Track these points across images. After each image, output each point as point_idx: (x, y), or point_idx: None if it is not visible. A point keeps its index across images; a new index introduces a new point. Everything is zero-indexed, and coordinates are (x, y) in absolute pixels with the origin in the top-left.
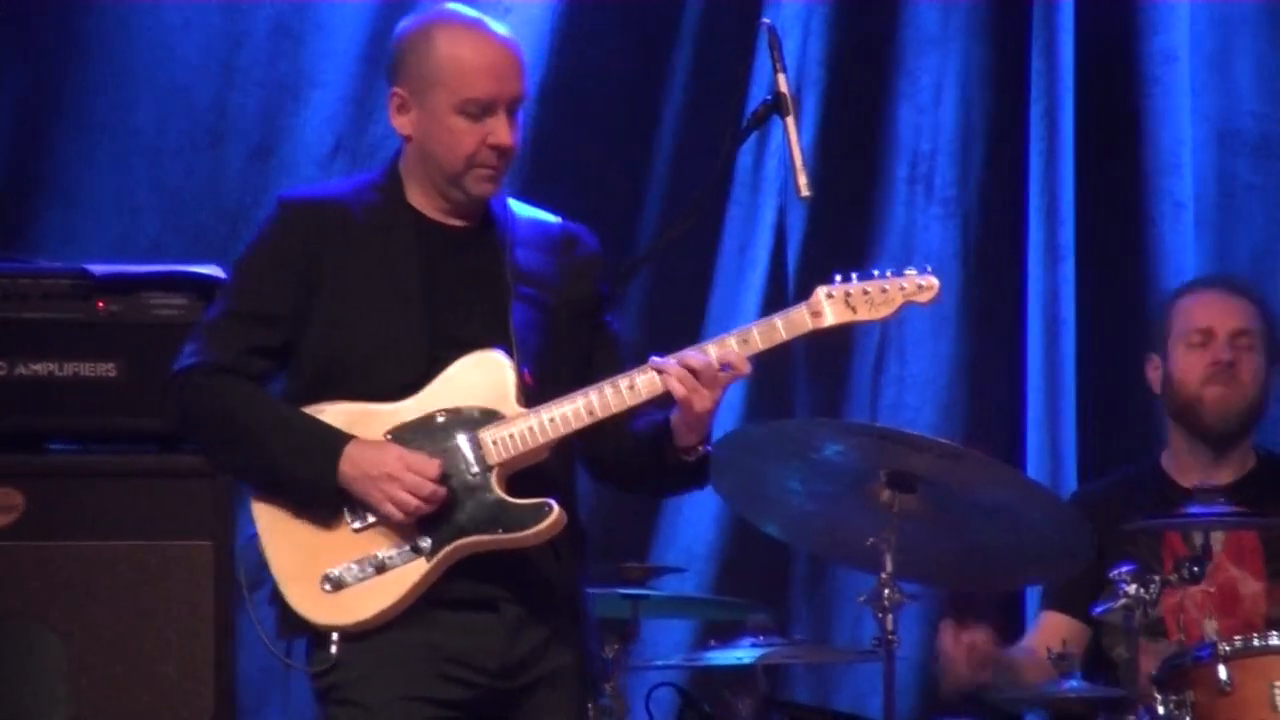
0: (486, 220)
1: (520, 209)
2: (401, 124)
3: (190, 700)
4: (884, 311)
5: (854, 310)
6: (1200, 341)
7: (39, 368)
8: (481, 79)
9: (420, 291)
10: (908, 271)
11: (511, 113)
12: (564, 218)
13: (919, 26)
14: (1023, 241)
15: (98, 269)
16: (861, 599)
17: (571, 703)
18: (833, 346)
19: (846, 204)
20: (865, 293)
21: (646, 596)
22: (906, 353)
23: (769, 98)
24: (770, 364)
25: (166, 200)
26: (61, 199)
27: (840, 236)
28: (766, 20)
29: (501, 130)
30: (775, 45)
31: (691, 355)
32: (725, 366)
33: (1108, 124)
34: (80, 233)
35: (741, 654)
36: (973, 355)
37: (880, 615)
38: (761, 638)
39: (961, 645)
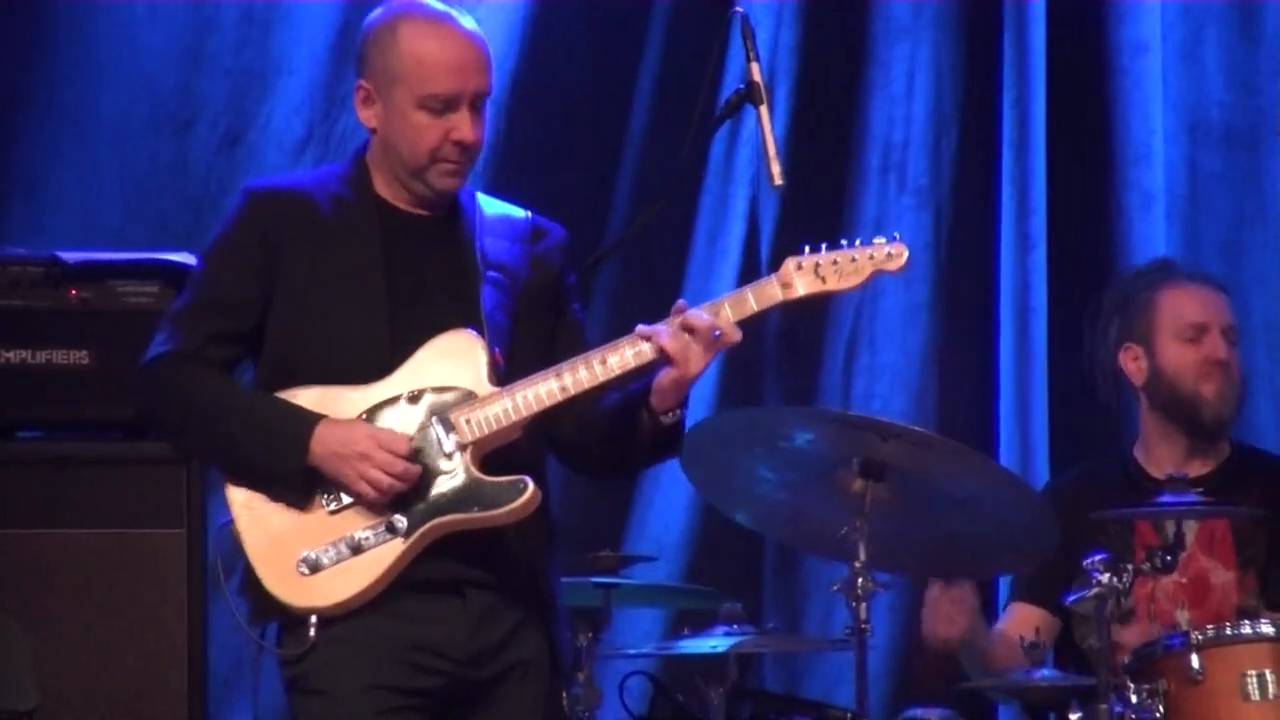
0: (453, 211)
1: (488, 202)
2: (366, 117)
3: (161, 690)
4: (854, 281)
5: (824, 280)
6: (1194, 336)
7: (10, 355)
8: (443, 75)
9: (385, 281)
10: (876, 240)
11: (475, 108)
12: (534, 212)
13: (891, 16)
14: (994, 231)
15: (69, 257)
16: (835, 588)
17: (542, 692)
18: (804, 335)
19: (819, 194)
20: (835, 263)
21: (618, 585)
22: (878, 342)
23: (741, 87)
24: (741, 352)
25: (131, 188)
26: (26, 186)
27: (812, 226)
28: (739, 9)
29: (464, 126)
30: (748, 34)
31: (693, 315)
32: (717, 332)
33: (1078, 114)
34: (45, 220)
35: (714, 643)
36: (944, 344)
37: (853, 604)
38: (734, 627)
39: (947, 593)
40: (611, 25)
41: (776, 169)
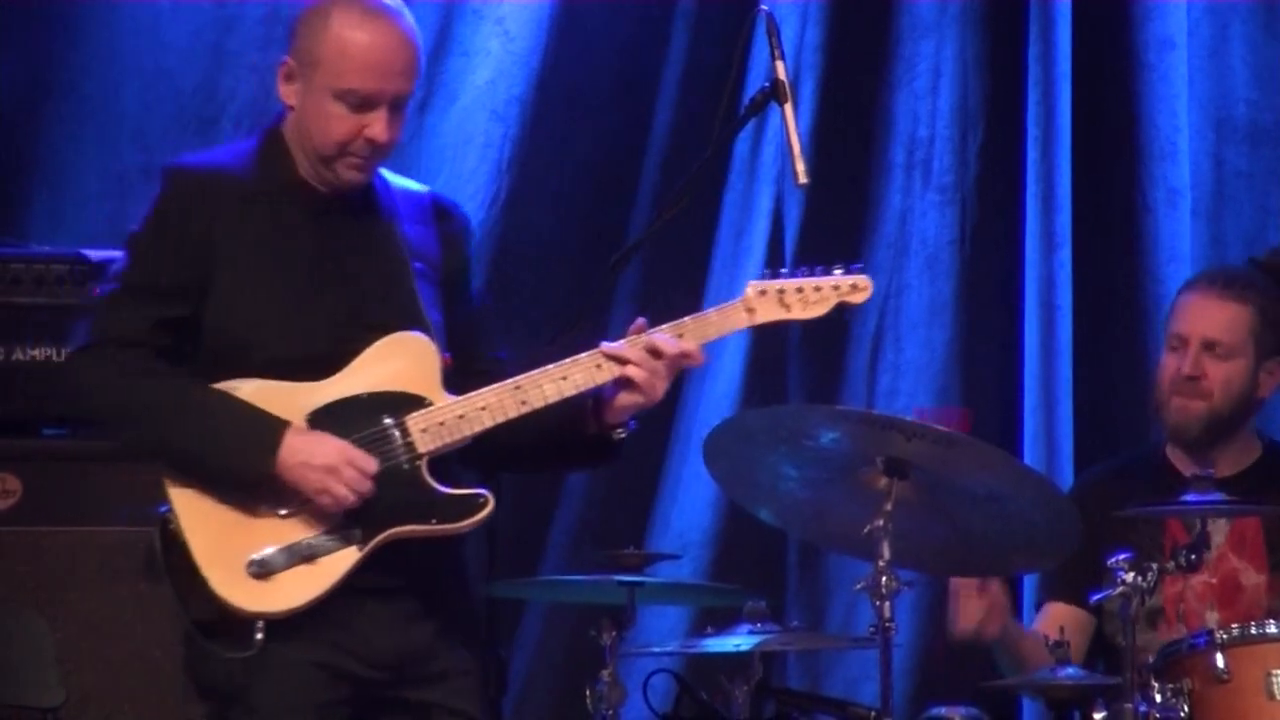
0: (369, 192)
1: (394, 180)
2: (286, 93)
3: (182, 685)
4: (816, 311)
5: (787, 308)
6: (1176, 346)
7: (36, 353)
8: (365, 73)
9: (321, 264)
10: (836, 270)
11: (394, 108)
12: (433, 190)
13: (916, 13)
14: (1019, 228)
15: (94, 254)
16: (859, 586)
17: (474, 694)
18: (828, 332)
19: (844, 191)
20: (799, 290)
21: (642, 583)
22: (902, 339)
23: (766, 85)
24: (765, 351)
25: (155, 185)
26: (49, 182)
27: (837, 223)
28: (764, 7)
29: (378, 126)
30: (773, 32)
31: (660, 339)
32: (684, 355)
33: (1104, 111)
34: (68, 216)
35: (738, 641)
36: (969, 342)
37: (877, 602)
38: (758, 625)
39: (978, 589)
40: (637, 23)
41: (801, 167)
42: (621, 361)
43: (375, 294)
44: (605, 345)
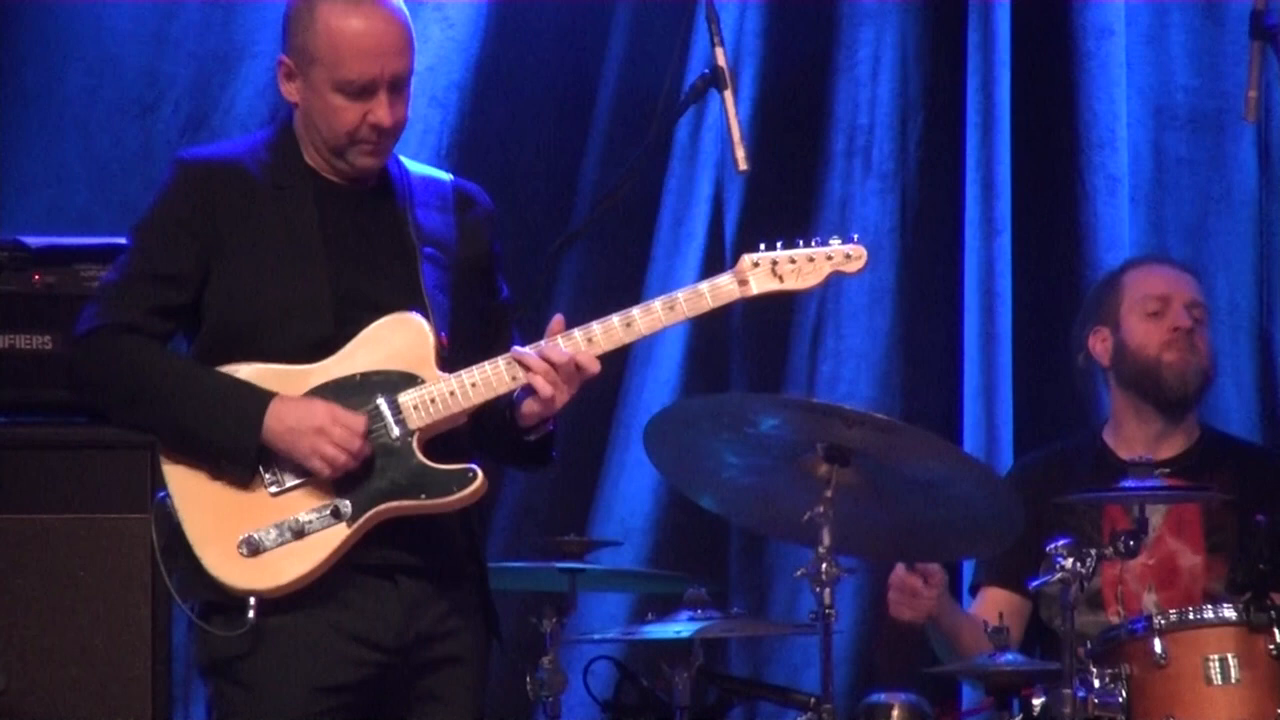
0: (382, 180)
1: (414, 167)
2: (288, 91)
3: (125, 674)
4: (811, 281)
5: (780, 279)
6: (1157, 310)
7: None
8: (358, 61)
9: (324, 249)
10: (833, 241)
11: (395, 89)
12: (457, 177)
13: (856, 0)
14: (959, 215)
15: (34, 241)
16: (799, 573)
17: (474, 680)
18: (769, 321)
19: (784, 177)
20: (792, 261)
21: (583, 570)
22: (843, 326)
23: (707, 71)
24: (706, 338)
25: (96, 171)
26: None
27: (778, 210)
28: None
29: (380, 110)
30: (713, 19)
31: (550, 348)
32: (576, 365)
33: (1044, 98)
34: (9, 203)
35: (679, 628)
36: (909, 329)
37: (818, 589)
38: (699, 611)
39: (910, 577)
40: (577, 9)
41: (741, 154)
42: (527, 369)
43: (379, 278)
44: (515, 350)
